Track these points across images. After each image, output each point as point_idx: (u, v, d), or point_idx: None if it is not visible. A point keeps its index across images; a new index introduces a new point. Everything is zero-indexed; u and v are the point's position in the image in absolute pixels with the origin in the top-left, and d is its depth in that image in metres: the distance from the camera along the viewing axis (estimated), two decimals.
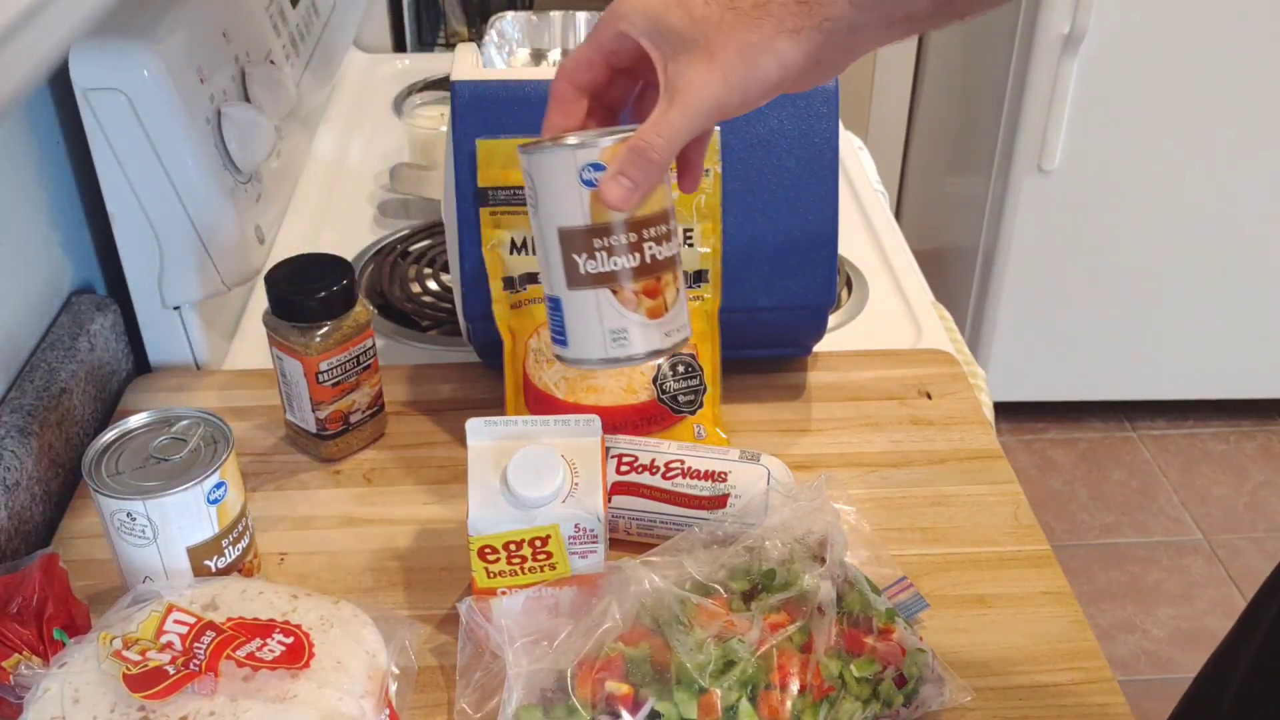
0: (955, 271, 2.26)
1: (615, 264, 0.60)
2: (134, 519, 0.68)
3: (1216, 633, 0.90)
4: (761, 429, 0.91)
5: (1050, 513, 2.17)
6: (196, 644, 0.61)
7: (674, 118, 0.59)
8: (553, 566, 0.69)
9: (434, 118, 1.26)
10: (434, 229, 1.19)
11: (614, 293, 0.60)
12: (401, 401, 0.93)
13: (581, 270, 0.60)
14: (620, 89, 0.64)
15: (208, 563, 0.72)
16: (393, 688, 0.66)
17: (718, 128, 0.86)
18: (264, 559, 0.79)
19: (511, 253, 0.87)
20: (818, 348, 0.96)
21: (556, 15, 1.19)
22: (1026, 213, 2.06)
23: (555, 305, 0.62)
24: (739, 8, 0.59)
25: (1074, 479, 2.27)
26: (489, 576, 0.69)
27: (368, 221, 1.22)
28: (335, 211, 1.23)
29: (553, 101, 0.63)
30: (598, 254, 0.60)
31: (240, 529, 0.74)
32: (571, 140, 0.60)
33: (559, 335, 0.63)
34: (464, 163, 0.85)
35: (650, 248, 0.60)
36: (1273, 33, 1.89)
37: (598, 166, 0.59)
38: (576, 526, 0.68)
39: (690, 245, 0.85)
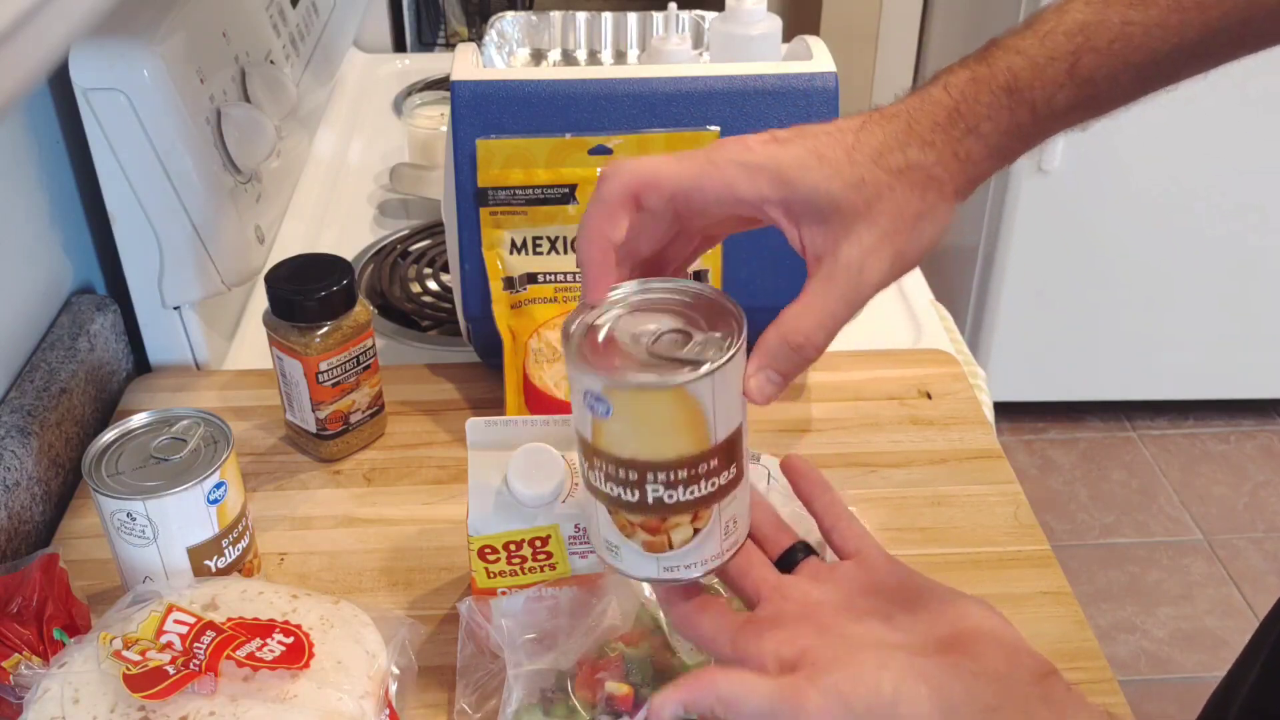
0: (955, 271, 2.26)
1: (610, 490, 0.53)
2: (134, 519, 0.68)
3: (1216, 632, 0.90)
4: (761, 429, 0.91)
5: (1050, 513, 2.17)
6: (196, 644, 0.61)
7: (838, 308, 0.52)
8: (553, 566, 0.69)
9: (434, 118, 1.26)
10: (434, 229, 1.19)
11: (610, 512, 0.54)
12: (401, 401, 0.93)
13: (584, 477, 0.55)
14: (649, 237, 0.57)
15: (208, 563, 0.72)
16: (393, 688, 0.66)
17: (718, 127, 0.86)
18: (264, 559, 0.79)
19: (511, 253, 0.87)
20: None
21: (556, 15, 1.19)
22: (1026, 213, 2.06)
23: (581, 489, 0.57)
24: (893, 168, 0.53)
25: (1074, 479, 2.27)
26: (489, 576, 0.69)
27: (368, 221, 1.22)
28: (335, 211, 1.23)
29: (593, 268, 0.54)
30: (595, 472, 0.53)
31: (240, 529, 0.74)
32: (584, 351, 0.52)
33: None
34: (464, 163, 0.85)
35: (654, 490, 0.52)
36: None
37: (598, 398, 0.50)
38: (577, 526, 0.68)
39: None
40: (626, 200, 0.54)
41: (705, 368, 0.50)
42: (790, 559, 0.57)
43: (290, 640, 0.62)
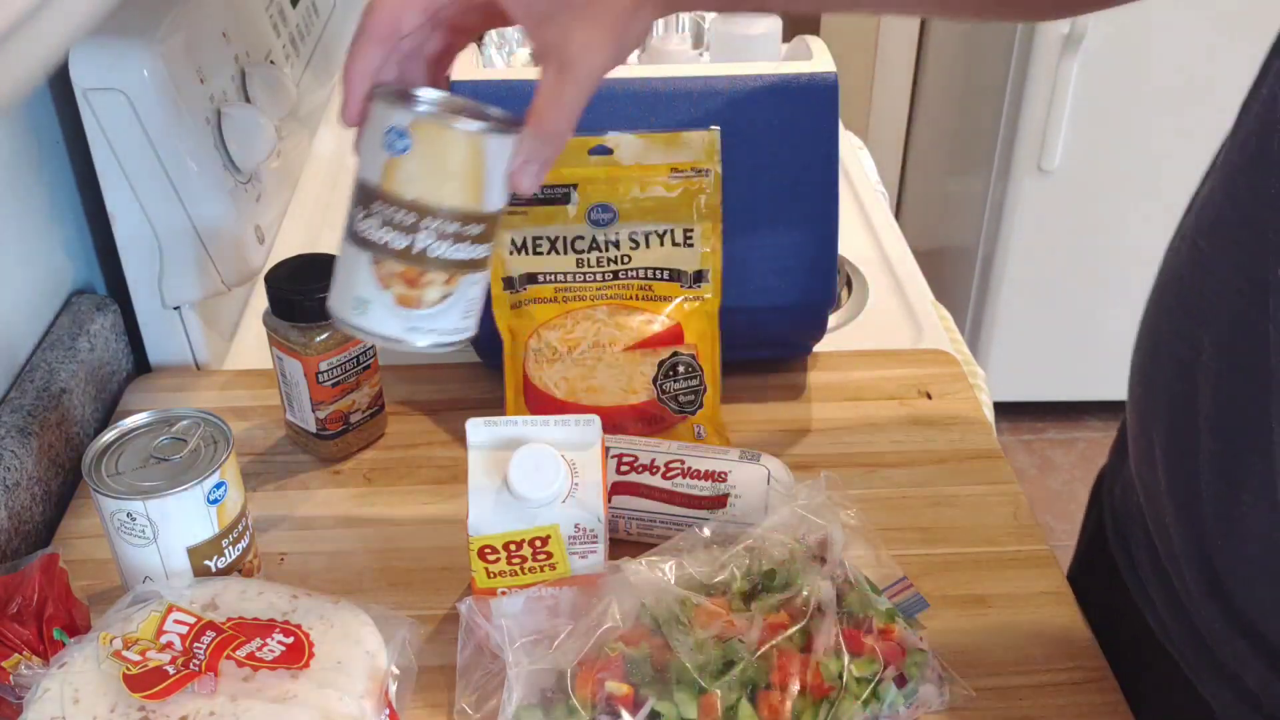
0: (955, 271, 2.26)
1: (381, 237, 0.59)
2: (134, 519, 0.68)
3: None
4: (761, 429, 0.91)
5: (1050, 513, 2.17)
6: (196, 644, 0.61)
7: (571, 93, 0.59)
8: (553, 566, 0.69)
9: None
10: None
11: (374, 262, 0.60)
12: (401, 401, 0.93)
13: (354, 226, 0.61)
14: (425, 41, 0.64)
15: (208, 563, 0.72)
16: (393, 688, 0.66)
17: (718, 127, 0.86)
18: (264, 559, 0.79)
19: (511, 253, 0.87)
20: (818, 348, 0.96)
21: None
22: (1026, 213, 2.06)
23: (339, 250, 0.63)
24: None
25: (1074, 479, 2.27)
26: (489, 576, 0.69)
27: None
28: (335, 211, 1.22)
29: (366, 38, 0.61)
30: (371, 219, 0.59)
31: (240, 529, 0.74)
32: (391, 96, 0.60)
33: (331, 281, 0.63)
34: None
35: (424, 239, 0.59)
36: (1272, 32, 1.89)
37: (401, 134, 0.58)
38: (576, 526, 0.68)
39: (691, 245, 0.85)
40: (391, 33, 0.61)
41: (500, 129, 0.59)
42: None
43: (290, 640, 0.62)
